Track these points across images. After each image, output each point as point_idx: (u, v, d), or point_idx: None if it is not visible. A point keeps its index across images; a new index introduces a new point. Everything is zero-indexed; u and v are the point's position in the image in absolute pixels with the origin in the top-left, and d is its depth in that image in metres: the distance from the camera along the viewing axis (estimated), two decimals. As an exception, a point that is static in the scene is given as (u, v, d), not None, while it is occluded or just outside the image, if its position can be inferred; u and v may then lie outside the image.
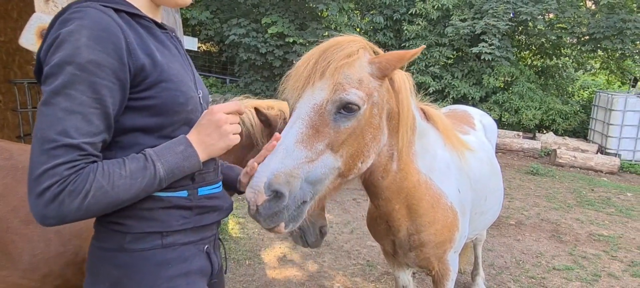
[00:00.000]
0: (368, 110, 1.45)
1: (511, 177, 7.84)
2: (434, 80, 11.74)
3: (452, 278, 2.30)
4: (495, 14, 10.85)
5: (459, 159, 2.15)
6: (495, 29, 10.79)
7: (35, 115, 1.03)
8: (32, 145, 0.99)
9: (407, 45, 11.87)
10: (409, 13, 12.02)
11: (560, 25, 11.85)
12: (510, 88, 11.64)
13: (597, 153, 9.71)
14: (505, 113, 11.31)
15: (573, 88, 13.59)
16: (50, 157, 0.96)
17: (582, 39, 11.85)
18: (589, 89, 14.12)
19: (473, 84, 11.80)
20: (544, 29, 11.66)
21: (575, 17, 11.45)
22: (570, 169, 8.91)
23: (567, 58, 12.98)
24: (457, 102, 11.20)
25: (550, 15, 11.88)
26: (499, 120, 11.10)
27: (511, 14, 11.26)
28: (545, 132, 11.48)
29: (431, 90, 11.11)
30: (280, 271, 4.01)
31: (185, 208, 1.20)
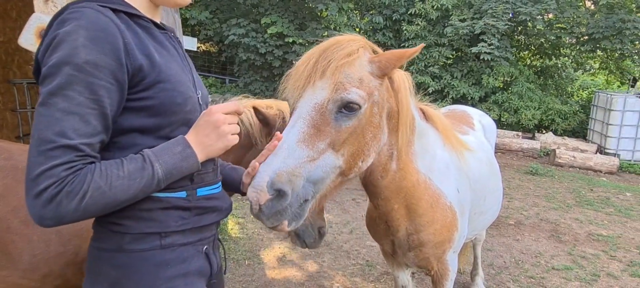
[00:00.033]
0: (369, 109, 1.45)
1: (510, 177, 7.85)
2: (434, 80, 11.75)
3: (451, 278, 2.30)
4: (494, 14, 10.86)
5: (458, 159, 2.15)
6: (494, 29, 10.80)
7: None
8: (30, 146, 0.98)
9: (407, 45, 11.86)
10: (408, 13, 12.01)
11: (560, 25, 11.86)
12: (510, 88, 11.65)
13: (596, 153, 9.72)
14: (504, 113, 11.32)
15: (572, 88, 13.62)
16: (47, 158, 0.96)
17: (581, 39, 11.86)
18: (588, 89, 14.15)
19: (472, 84, 11.81)
20: (543, 29, 11.67)
21: (575, 17, 11.47)
22: (570, 169, 8.92)
23: (567, 58, 13.00)
24: (457, 102, 11.20)
25: (550, 16, 11.89)
26: (498, 120, 11.12)
27: (510, 14, 11.28)
28: (544, 132, 11.50)
29: (430, 90, 11.10)
30: (280, 271, 4.01)
31: (184, 209, 1.20)
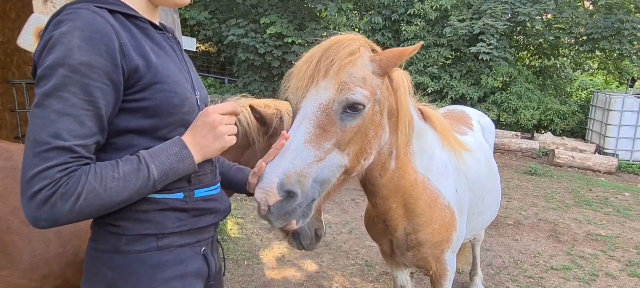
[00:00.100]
0: (371, 108, 1.46)
1: (509, 177, 7.85)
2: (433, 80, 11.75)
3: (450, 278, 2.30)
4: (493, 14, 10.87)
5: (456, 159, 2.16)
6: (493, 29, 10.81)
7: (30, 117, 1.03)
8: (25, 147, 0.98)
9: (406, 45, 11.85)
10: (408, 13, 12.02)
11: (558, 25, 11.88)
12: (509, 88, 11.66)
13: (595, 153, 9.73)
14: (503, 113, 11.33)
15: (571, 88, 13.64)
16: (42, 160, 0.96)
17: (580, 39, 11.88)
18: (586, 89, 14.17)
19: (471, 84, 11.82)
20: (542, 29, 11.68)
21: (573, 18, 11.49)
22: (568, 169, 8.93)
23: (565, 58, 13.02)
24: (456, 102, 11.21)
25: (548, 16, 11.92)
26: (497, 120, 11.13)
27: (509, 14, 11.29)
28: (543, 132, 11.51)
29: (429, 91, 11.11)
30: (279, 271, 4.01)
31: (181, 210, 1.20)
